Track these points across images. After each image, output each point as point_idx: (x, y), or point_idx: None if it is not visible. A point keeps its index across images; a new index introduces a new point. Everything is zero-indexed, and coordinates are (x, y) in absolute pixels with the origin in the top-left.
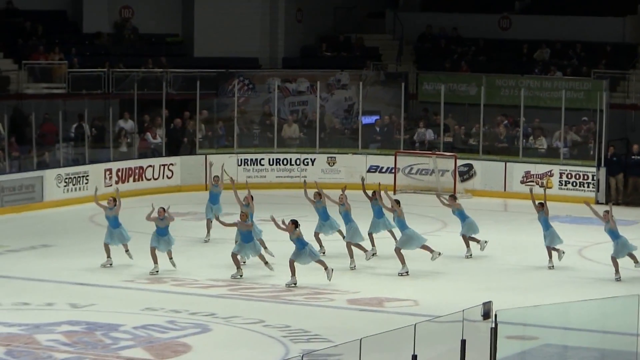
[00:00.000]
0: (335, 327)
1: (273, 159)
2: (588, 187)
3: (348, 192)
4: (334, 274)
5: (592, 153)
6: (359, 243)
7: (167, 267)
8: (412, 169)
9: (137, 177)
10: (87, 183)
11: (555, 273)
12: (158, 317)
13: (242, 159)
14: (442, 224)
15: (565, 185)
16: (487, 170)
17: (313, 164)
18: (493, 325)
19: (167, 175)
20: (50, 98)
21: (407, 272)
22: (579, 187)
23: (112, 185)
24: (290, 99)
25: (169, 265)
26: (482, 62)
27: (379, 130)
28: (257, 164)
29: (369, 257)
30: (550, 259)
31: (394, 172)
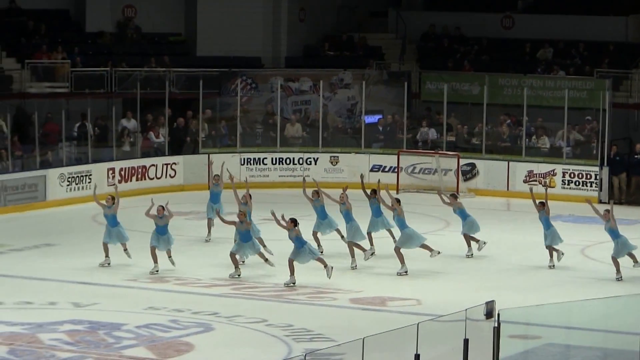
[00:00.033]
0: (338, 326)
1: (276, 158)
2: (591, 186)
3: (350, 191)
4: (334, 273)
5: (594, 152)
6: (359, 243)
7: (167, 266)
8: (415, 168)
9: (139, 176)
10: (89, 182)
11: (558, 272)
12: (161, 316)
13: (244, 158)
14: (445, 224)
15: (568, 185)
16: (489, 170)
17: (316, 163)
18: (496, 325)
19: (169, 175)
20: (53, 97)
21: (406, 271)
22: (582, 186)
23: (114, 185)
24: (293, 98)
25: (169, 265)
26: (485, 61)
27: (382, 130)
28: (259, 163)
29: (368, 257)
30: (551, 259)
31: (397, 171)
